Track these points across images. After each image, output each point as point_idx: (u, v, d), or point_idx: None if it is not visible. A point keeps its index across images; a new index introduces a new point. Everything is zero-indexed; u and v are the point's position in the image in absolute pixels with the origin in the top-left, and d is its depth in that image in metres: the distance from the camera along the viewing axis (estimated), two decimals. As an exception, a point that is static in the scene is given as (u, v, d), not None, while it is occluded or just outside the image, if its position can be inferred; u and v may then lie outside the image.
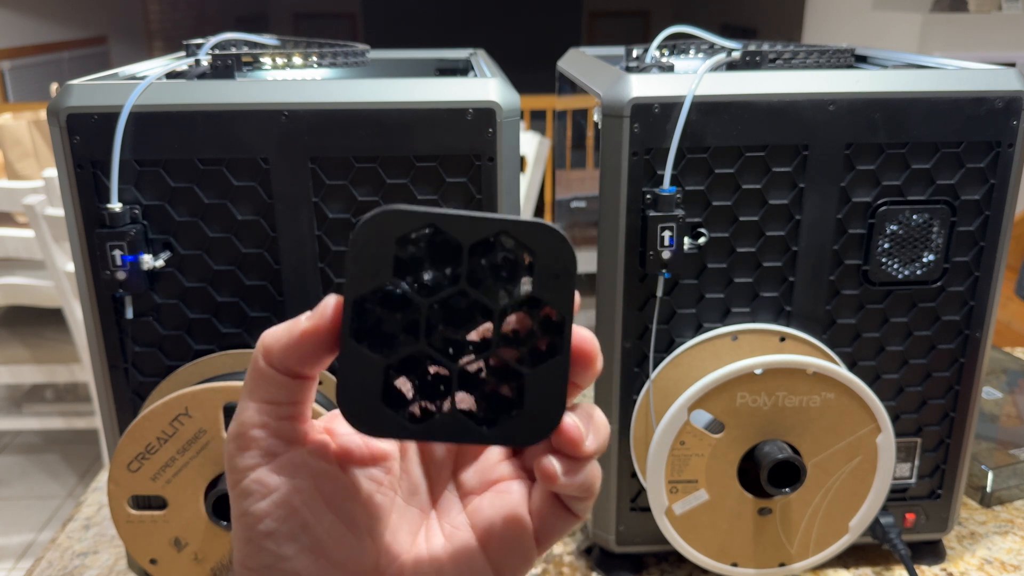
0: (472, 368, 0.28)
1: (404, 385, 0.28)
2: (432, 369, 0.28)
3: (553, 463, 0.29)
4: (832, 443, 0.61)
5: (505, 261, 0.28)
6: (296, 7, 6.27)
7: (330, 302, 0.28)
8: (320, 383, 0.58)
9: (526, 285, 0.28)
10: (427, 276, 0.28)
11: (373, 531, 0.30)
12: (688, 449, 0.61)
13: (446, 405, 0.28)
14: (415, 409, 0.28)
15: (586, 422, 0.29)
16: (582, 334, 0.29)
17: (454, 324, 0.28)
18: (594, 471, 0.30)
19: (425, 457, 0.33)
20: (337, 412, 0.30)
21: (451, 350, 0.28)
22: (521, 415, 0.28)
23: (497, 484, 0.32)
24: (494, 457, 0.33)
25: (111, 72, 0.61)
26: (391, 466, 0.31)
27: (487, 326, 0.28)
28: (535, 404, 0.28)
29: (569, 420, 0.29)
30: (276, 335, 0.28)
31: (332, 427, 0.31)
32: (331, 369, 0.59)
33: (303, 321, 0.28)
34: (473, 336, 0.28)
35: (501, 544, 0.31)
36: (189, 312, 0.57)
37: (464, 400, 0.28)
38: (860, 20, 3.01)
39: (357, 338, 0.28)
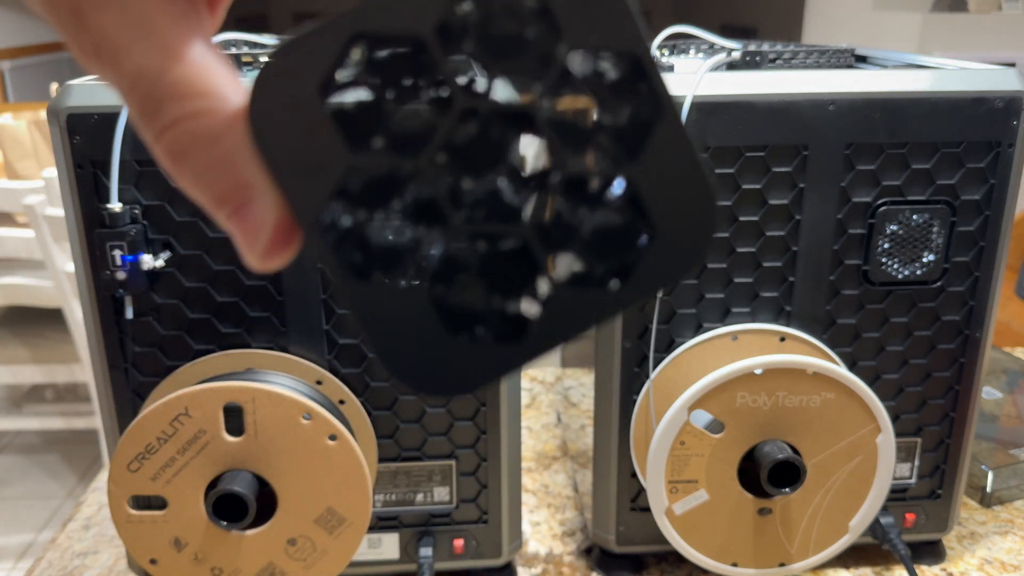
0: (548, 215, 0.19)
1: (468, 301, 0.19)
2: (494, 249, 0.19)
3: None
4: (832, 443, 0.61)
5: (500, 20, 0.18)
6: (296, 7, 6.27)
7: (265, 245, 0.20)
8: (319, 383, 0.58)
9: (549, 42, 0.18)
10: (398, 120, 0.19)
11: None
12: (688, 449, 0.61)
13: (541, 289, 0.19)
14: (503, 326, 0.19)
15: None
16: None
17: (479, 168, 0.19)
18: None
19: None
20: None
21: (501, 207, 0.19)
22: (658, 237, 0.19)
23: None
24: None
25: (111, 72, 0.61)
26: None
27: (526, 145, 0.19)
28: (668, 210, 0.19)
29: None
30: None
31: None
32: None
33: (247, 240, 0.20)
34: (515, 167, 0.19)
35: None
36: (189, 312, 0.57)
37: (563, 267, 0.19)
38: (860, 20, 3.01)
39: (361, 274, 0.19)
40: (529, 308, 0.19)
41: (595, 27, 0.18)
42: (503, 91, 0.19)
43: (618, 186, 0.19)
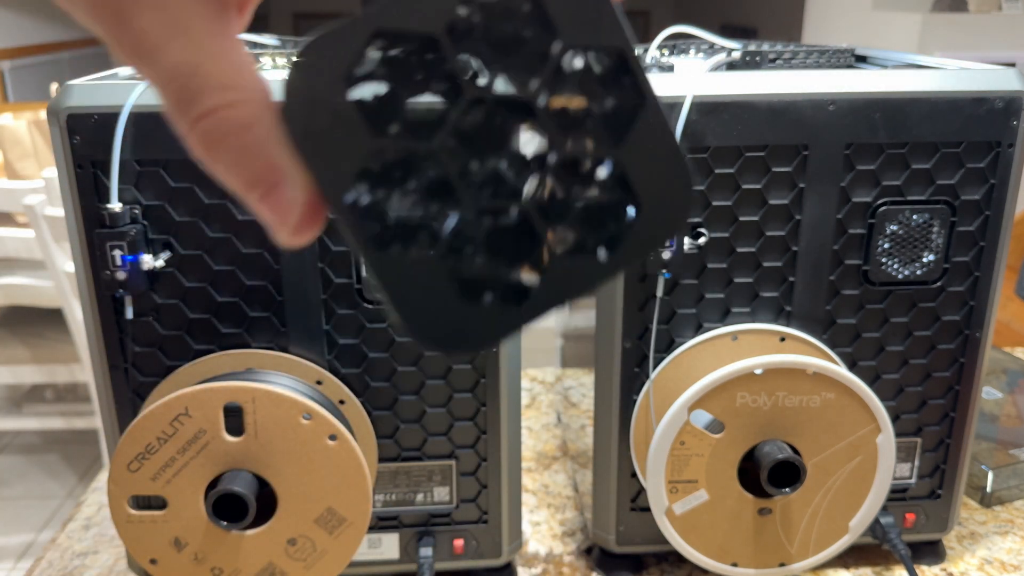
0: (546, 193, 0.21)
1: (478, 269, 0.22)
2: (498, 224, 0.21)
3: None
4: (832, 443, 0.61)
5: (501, 22, 0.21)
6: (296, 7, 6.27)
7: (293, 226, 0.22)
8: (319, 383, 0.58)
9: (544, 40, 0.21)
10: (413, 110, 0.21)
11: None
12: (688, 449, 0.61)
13: (541, 258, 0.22)
14: (507, 291, 0.22)
15: None
16: None
17: (486, 150, 0.21)
18: None
19: None
20: None
21: (504, 186, 0.21)
22: (642, 212, 0.22)
23: None
24: None
25: (111, 72, 0.61)
26: None
27: (526, 131, 0.21)
28: (651, 187, 0.22)
29: None
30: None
31: None
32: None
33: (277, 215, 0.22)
34: (516, 151, 0.21)
35: None
36: (189, 312, 0.57)
37: (559, 239, 0.22)
38: (860, 20, 3.01)
39: (381, 246, 0.21)
40: (529, 275, 0.22)
41: (585, 27, 0.21)
42: (505, 84, 0.21)
43: (607, 167, 0.22)
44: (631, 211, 0.22)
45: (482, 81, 0.21)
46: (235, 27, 0.23)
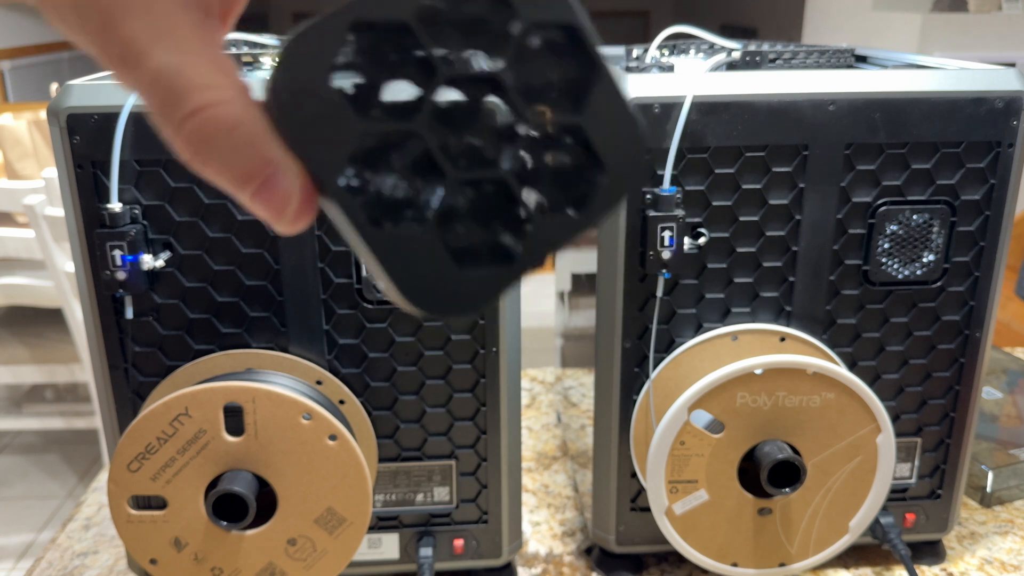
0: (518, 163, 0.23)
1: (465, 236, 0.23)
2: (480, 194, 0.23)
3: None
4: (832, 443, 0.61)
5: (466, 6, 0.23)
6: (296, 7, 6.26)
7: (294, 208, 0.23)
8: (319, 383, 0.58)
9: (506, 21, 0.23)
10: (393, 91, 0.23)
11: None
12: (688, 449, 0.61)
13: (519, 221, 0.24)
14: (494, 253, 0.24)
15: None
16: None
17: (462, 126, 0.23)
18: None
19: None
20: None
21: (481, 158, 0.23)
22: (606, 171, 0.24)
23: None
24: None
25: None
26: None
27: (494, 106, 0.23)
28: (610, 147, 0.24)
29: None
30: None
31: None
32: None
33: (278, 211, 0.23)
34: (489, 125, 0.23)
35: None
36: (189, 312, 0.57)
37: (534, 202, 0.24)
38: (860, 20, 3.00)
39: (374, 223, 0.23)
40: (512, 237, 0.24)
41: (541, 6, 0.23)
42: (473, 63, 0.23)
43: (570, 133, 0.24)
44: (595, 171, 0.24)
45: (453, 62, 0.23)
46: (218, 35, 0.24)
